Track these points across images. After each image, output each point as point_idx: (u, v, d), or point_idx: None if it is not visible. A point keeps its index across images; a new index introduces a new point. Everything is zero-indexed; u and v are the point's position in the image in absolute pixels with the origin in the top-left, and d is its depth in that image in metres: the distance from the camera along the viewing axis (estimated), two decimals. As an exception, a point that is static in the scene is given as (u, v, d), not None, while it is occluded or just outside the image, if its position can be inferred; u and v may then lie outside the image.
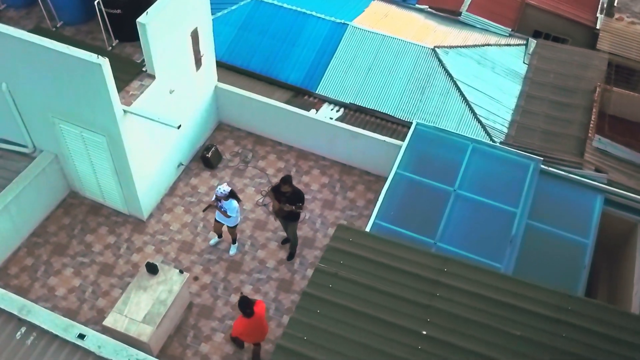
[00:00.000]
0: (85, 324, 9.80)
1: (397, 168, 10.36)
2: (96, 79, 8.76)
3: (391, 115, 13.54)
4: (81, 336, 8.51)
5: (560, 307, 7.40)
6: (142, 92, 9.81)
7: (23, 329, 8.71)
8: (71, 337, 8.51)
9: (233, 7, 17.37)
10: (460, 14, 16.53)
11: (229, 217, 10.07)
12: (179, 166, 11.87)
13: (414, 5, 17.19)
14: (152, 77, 10.02)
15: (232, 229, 10.53)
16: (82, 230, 11.12)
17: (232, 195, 9.91)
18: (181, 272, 9.59)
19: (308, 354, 6.99)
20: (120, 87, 9.76)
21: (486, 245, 9.49)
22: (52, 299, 10.20)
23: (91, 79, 8.82)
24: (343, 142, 12.08)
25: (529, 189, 10.13)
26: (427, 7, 16.79)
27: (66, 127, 10.09)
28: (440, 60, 14.28)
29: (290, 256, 10.87)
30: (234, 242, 10.84)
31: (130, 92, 9.80)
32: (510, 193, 10.09)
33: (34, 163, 10.74)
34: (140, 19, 9.28)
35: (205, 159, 12.09)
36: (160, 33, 9.67)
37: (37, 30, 10.53)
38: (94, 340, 8.48)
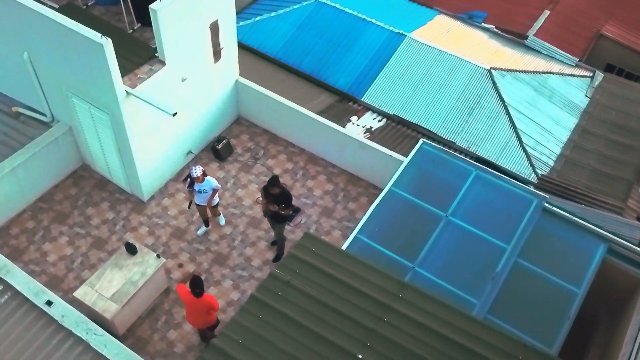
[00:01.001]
0: (66, 292, 10.15)
1: (392, 185, 10.06)
2: (99, 58, 9.01)
3: (433, 132, 13.29)
4: (49, 303, 8.76)
5: (513, 355, 6.94)
6: (149, 77, 10.01)
7: (0, 287, 9.02)
8: (40, 303, 8.77)
9: (295, 7, 17.56)
10: (526, 37, 15.90)
11: (217, 190, 10.35)
12: (188, 153, 12.04)
13: (480, 23, 16.68)
14: (163, 63, 10.19)
15: (215, 208, 10.70)
16: (85, 203, 11.49)
17: (205, 174, 10.09)
18: (158, 256, 9.72)
19: (238, 358, 6.90)
20: (130, 69, 10.02)
21: (467, 278, 9.05)
22: (43, 264, 10.59)
23: (95, 58, 9.08)
24: (352, 152, 11.88)
25: (526, 226, 9.57)
26: (494, 27, 16.28)
27: (77, 101, 10.45)
28: (494, 82, 13.89)
29: (277, 258, 10.80)
30: (207, 224, 11.05)
31: (139, 75, 10.02)
32: (505, 227, 9.58)
33: (47, 132, 11.19)
34: (153, 5, 9.47)
35: (215, 150, 12.22)
36: (173, 21, 9.83)
37: (67, 7, 10.98)
38: (59, 309, 8.71)
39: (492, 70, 14.04)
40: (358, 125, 13.90)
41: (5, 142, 11.20)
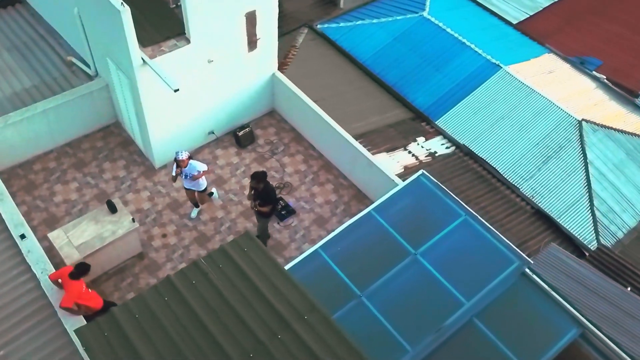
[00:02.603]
0: (55, 232, 10.85)
1: (373, 208, 9.69)
2: (118, 24, 9.49)
3: (499, 172, 12.76)
4: (22, 236, 9.45)
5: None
6: (170, 51, 10.38)
7: (-10, 212, 9.81)
8: (16, 234, 9.50)
9: (399, 17, 17.54)
10: (637, 96, 14.65)
11: (204, 173, 10.52)
12: (209, 133, 12.36)
13: (591, 71, 15.58)
14: (188, 41, 10.53)
15: (202, 194, 10.85)
16: (105, 157, 12.21)
17: (191, 159, 10.30)
18: (133, 220, 10.10)
19: (126, 331, 7.03)
20: (156, 41, 10.45)
21: (410, 323, 8.53)
22: (48, 202, 11.41)
23: (116, 23, 9.58)
24: (361, 168, 11.59)
25: (496, 287, 8.83)
26: (604, 77, 15.16)
27: (109, 60, 11.10)
28: (581, 135, 13.05)
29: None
30: (197, 205, 11.16)
31: (162, 48, 10.42)
32: (472, 282, 8.89)
33: (85, 85, 12.01)
34: (182, -16, 9.81)
35: (236, 136, 12.44)
36: (202, 2, 10.10)
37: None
38: (28, 245, 9.40)
39: (583, 122, 13.14)
40: (422, 147, 13.60)
41: (50, 86, 12.17)
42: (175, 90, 9.77)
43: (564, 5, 18.42)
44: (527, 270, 8.98)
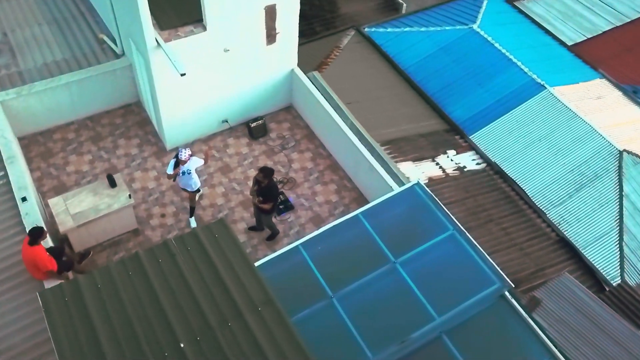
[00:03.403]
0: (60, 200, 11.28)
1: (361, 212, 9.60)
2: (135, 5, 9.78)
3: (527, 195, 12.50)
4: (24, 199, 9.89)
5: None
6: (186, 36, 10.62)
7: (1, 174, 10.36)
8: (18, 196, 9.95)
9: (447, 28, 17.47)
10: None
11: (191, 179, 10.45)
12: (223, 122, 12.56)
13: None
14: (204, 28, 10.73)
15: (193, 195, 10.81)
16: (121, 134, 12.60)
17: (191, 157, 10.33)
18: (130, 197, 10.38)
19: (84, 299, 7.23)
20: (174, 25, 10.71)
21: (377, 331, 8.40)
22: (61, 170, 11.87)
23: (133, 4, 9.87)
24: (364, 172, 11.51)
25: (471, 306, 8.57)
26: None
27: (130, 41, 11.45)
28: (620, 166, 12.66)
29: (270, 237, 11.03)
30: (191, 214, 11.08)
31: (178, 32, 10.67)
32: (448, 298, 8.67)
33: (110, 63, 12.43)
34: (201, -29, 10.02)
35: (249, 127, 12.59)
36: (220, -8, 10.30)
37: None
38: (27, 208, 9.84)
39: (624, 153, 12.71)
40: (452, 160, 13.47)
41: (79, 60, 12.66)
42: (182, 75, 9.98)
43: (626, 32, 17.76)
44: (507, 293, 8.68)
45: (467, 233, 9.33)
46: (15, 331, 8.69)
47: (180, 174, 10.47)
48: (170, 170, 10.39)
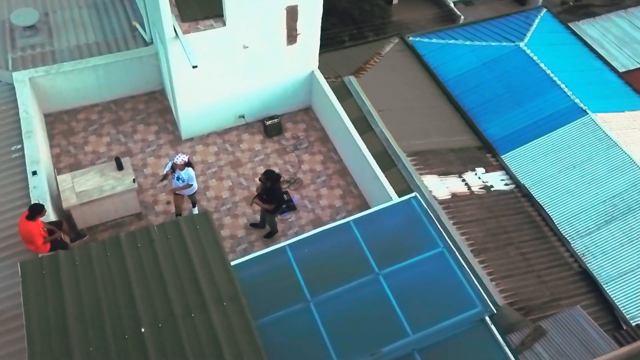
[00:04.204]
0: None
1: (352, 220, 9.54)
2: (156, -4, 10.05)
3: (554, 221, 12.24)
4: (34, 173, 10.31)
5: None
6: (205, 30, 10.82)
7: (18, 147, 10.83)
8: (29, 170, 10.38)
9: (493, 44, 17.70)
10: None
11: (190, 185, 10.45)
12: (239, 117, 12.72)
13: None
14: (224, 23, 10.91)
15: (192, 196, 10.93)
16: (142, 119, 12.94)
17: (188, 164, 10.30)
18: (134, 181, 10.65)
19: (60, 275, 7.48)
20: (194, 18, 10.94)
21: (349, 341, 8.33)
22: (79, 149, 12.30)
23: (155, -5, 10.15)
24: (368, 179, 11.42)
25: (449, 327, 8.38)
26: None
27: (155, 30, 11.75)
28: None
29: (269, 234, 11.13)
30: (194, 205, 11.23)
31: (198, 25, 10.89)
32: (426, 317, 8.50)
33: (136, 50, 12.80)
34: (223, -32, 10.18)
35: (264, 125, 12.70)
36: (240, -11, 10.44)
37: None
38: (35, 181, 10.26)
39: None
40: (479, 178, 13.35)
41: (110, 44, 13.09)
42: (194, 67, 10.17)
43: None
44: (487, 318, 8.45)
45: (456, 252, 9.13)
46: (7, 297, 9.06)
47: (175, 178, 10.46)
48: (165, 170, 10.53)
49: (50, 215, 9.93)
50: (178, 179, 10.42)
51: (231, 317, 7.20)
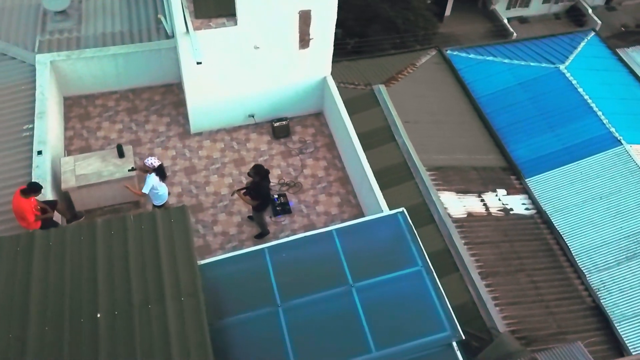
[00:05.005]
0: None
1: (335, 229, 9.46)
2: (168, -9, 10.27)
3: (572, 252, 11.93)
4: (39, 152, 10.69)
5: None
6: (216, 28, 10.96)
7: (30, 126, 11.24)
8: (35, 149, 10.76)
9: (532, 64, 16.98)
10: None
11: (143, 194, 10.28)
12: (249, 116, 12.82)
13: None
14: (236, 23, 11.02)
15: (160, 208, 10.55)
16: (156, 111, 13.21)
17: (156, 171, 10.16)
18: (132, 169, 10.88)
19: (21, 257, 7.68)
20: (208, 15, 11.10)
21: (312, 351, 8.27)
22: (91, 134, 12.66)
23: (167, -11, 10.37)
24: (365, 191, 11.32)
25: (414, 349, 8.21)
26: None
27: (170, 24, 11.99)
28: None
29: (259, 235, 11.18)
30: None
31: (210, 23, 11.04)
32: (392, 334, 8.35)
33: (156, 42, 13.09)
34: (235, -31, 10.30)
35: (272, 126, 12.77)
36: (253, -9, 10.53)
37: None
38: (39, 161, 10.62)
39: None
40: (499, 199, 13.13)
41: (133, 35, 13.44)
42: (198, 63, 10.33)
43: None
44: (454, 344, 8.24)
45: (434, 273, 8.94)
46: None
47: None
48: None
49: (49, 195, 10.26)
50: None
51: (187, 313, 7.27)
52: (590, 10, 32.02)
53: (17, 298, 7.28)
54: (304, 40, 11.68)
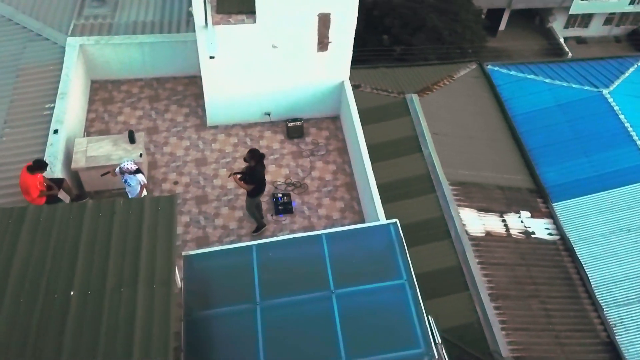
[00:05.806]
0: (97, 142, 12.41)
1: (325, 233, 9.43)
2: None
3: (591, 284, 11.64)
4: (56, 131, 11.09)
5: None
6: (235, 24, 11.11)
7: (52, 105, 11.66)
8: (52, 127, 11.18)
9: (574, 85, 16.60)
10: None
11: (131, 188, 10.48)
12: (265, 114, 12.93)
13: None
14: (254, 21, 11.14)
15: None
16: (177, 101, 13.50)
17: (137, 172, 10.33)
18: (140, 156, 11.14)
19: (10, 230, 7.93)
20: (229, 11, 11.25)
21: (282, 352, 8.27)
22: (112, 118, 13.04)
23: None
24: (367, 199, 11.23)
25: (390, 361, 8.14)
26: None
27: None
28: None
29: (256, 229, 11.27)
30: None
31: (230, 19, 11.19)
32: (366, 346, 8.25)
33: (182, 34, 13.38)
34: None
35: (287, 126, 12.84)
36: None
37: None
38: (55, 139, 11.02)
39: None
40: (522, 222, 12.94)
41: (163, 25, 13.79)
42: (211, 57, 10.50)
43: None
44: (427, 362, 8.09)
45: (417, 288, 8.80)
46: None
47: (123, 181, 10.50)
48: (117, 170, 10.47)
49: (60, 174, 10.62)
50: (125, 181, 10.47)
51: (156, 301, 7.36)
52: (653, 36, 30.83)
53: (-1, 269, 7.56)
54: (323, 43, 11.69)
